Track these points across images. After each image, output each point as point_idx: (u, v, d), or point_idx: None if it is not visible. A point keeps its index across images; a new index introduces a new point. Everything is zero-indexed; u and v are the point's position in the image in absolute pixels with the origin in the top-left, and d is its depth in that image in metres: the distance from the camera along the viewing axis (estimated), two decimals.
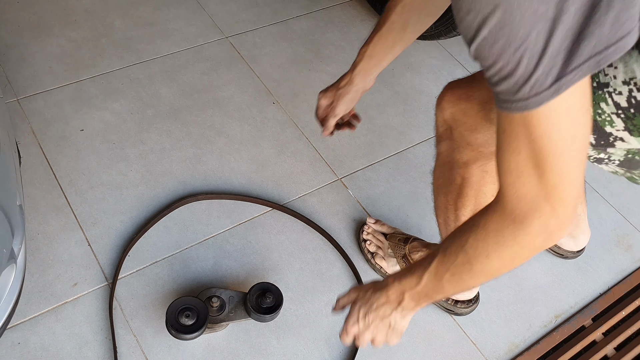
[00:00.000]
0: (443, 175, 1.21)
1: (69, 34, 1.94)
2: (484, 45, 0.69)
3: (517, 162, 0.77)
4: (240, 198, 1.59)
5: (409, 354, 1.39)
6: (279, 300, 1.31)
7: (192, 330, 1.23)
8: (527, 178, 0.77)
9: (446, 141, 1.15)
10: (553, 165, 0.75)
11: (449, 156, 1.16)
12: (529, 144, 0.75)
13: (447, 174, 1.19)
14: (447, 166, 1.18)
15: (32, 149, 1.61)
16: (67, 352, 1.28)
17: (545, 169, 0.75)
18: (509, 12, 0.65)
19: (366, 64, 1.24)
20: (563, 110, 0.71)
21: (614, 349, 1.47)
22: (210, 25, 2.07)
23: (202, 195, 1.57)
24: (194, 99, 1.82)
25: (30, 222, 1.46)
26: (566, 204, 0.78)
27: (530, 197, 0.78)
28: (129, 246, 1.45)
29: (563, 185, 0.77)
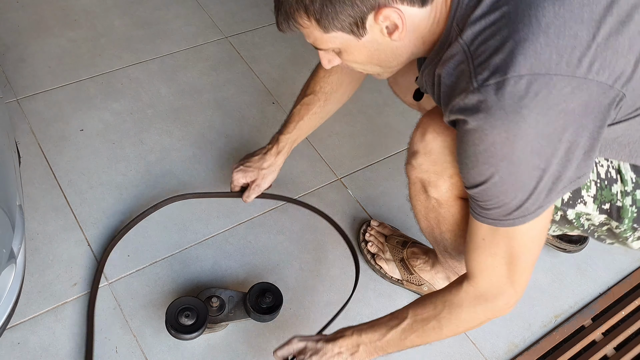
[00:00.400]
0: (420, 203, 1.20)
1: (69, 33, 1.94)
2: (487, 191, 0.90)
3: (493, 261, 0.98)
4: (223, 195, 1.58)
5: (408, 353, 1.39)
6: (278, 301, 1.31)
7: (192, 330, 1.23)
8: (499, 271, 0.99)
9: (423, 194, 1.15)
10: (522, 262, 0.98)
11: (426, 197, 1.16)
12: (507, 250, 0.96)
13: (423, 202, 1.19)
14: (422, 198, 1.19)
15: (32, 149, 1.61)
16: (66, 352, 1.28)
17: (515, 265, 0.97)
18: (514, 167, 0.85)
19: (289, 148, 1.45)
20: (538, 224, 0.94)
21: (613, 349, 1.47)
22: (210, 25, 2.07)
23: (189, 195, 1.55)
24: (194, 99, 1.82)
25: (29, 222, 1.46)
26: (524, 286, 1.01)
27: (500, 284, 1.00)
28: (120, 233, 1.46)
29: (525, 274, 1.00)
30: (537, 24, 0.81)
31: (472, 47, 0.85)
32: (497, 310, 1.04)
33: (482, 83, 0.82)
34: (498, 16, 0.84)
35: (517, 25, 0.81)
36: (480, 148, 0.86)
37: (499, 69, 0.81)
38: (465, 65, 0.85)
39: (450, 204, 1.09)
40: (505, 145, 0.83)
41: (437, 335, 1.08)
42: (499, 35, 0.82)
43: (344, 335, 1.12)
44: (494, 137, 0.83)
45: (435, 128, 1.02)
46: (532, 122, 0.81)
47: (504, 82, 0.80)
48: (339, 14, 0.87)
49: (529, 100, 0.80)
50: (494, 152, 0.85)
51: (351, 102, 1.83)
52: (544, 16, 0.81)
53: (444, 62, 0.90)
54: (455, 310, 1.04)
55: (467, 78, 0.84)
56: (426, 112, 1.07)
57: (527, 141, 0.83)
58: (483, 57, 0.83)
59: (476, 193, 0.92)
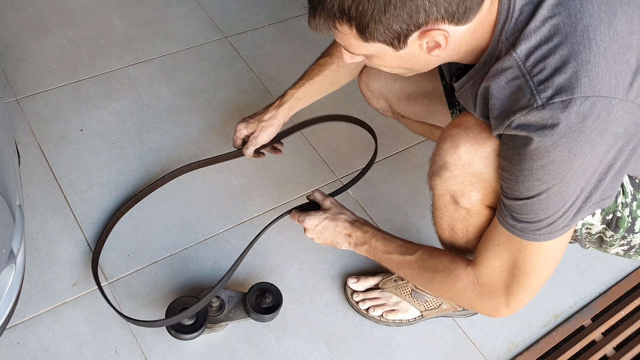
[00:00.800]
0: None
1: (68, 33, 1.94)
2: (529, 206, 0.93)
3: (500, 265, 1.02)
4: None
5: (408, 353, 1.39)
6: (278, 300, 1.31)
7: (192, 330, 1.23)
8: (501, 277, 1.03)
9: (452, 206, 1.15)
10: (526, 280, 1.01)
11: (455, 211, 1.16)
12: (517, 262, 1.00)
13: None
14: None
15: (32, 149, 1.61)
16: (66, 352, 1.28)
17: (519, 279, 1.01)
18: (565, 186, 0.89)
19: (293, 104, 1.41)
20: (558, 244, 0.98)
21: (613, 349, 1.47)
22: (210, 25, 2.07)
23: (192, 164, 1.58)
24: (194, 99, 1.82)
25: (29, 221, 1.46)
26: (519, 306, 1.05)
27: (496, 288, 1.04)
28: (119, 213, 1.48)
29: (524, 295, 1.03)
30: (596, 47, 0.83)
31: (528, 63, 0.86)
32: (482, 308, 1.10)
33: (547, 101, 0.84)
34: (551, 31, 0.85)
35: (577, 47, 0.84)
36: (539, 164, 0.87)
37: (564, 89, 0.83)
38: (522, 81, 0.86)
39: (482, 214, 1.09)
40: (563, 163, 0.86)
41: (425, 286, 1.20)
42: (558, 54, 0.84)
43: (362, 228, 1.24)
44: (555, 154, 0.85)
45: (470, 139, 1.01)
46: (591, 143, 0.85)
47: (570, 101, 0.82)
48: (384, 28, 0.86)
49: (592, 121, 0.83)
50: (551, 170, 0.87)
51: (351, 102, 1.83)
52: (602, 40, 0.84)
53: (494, 76, 0.90)
54: (451, 280, 1.11)
55: (527, 95, 0.85)
56: (452, 124, 1.05)
57: (583, 161, 0.86)
58: (543, 75, 0.85)
59: (516, 205, 0.94)
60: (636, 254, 1.13)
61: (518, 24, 0.88)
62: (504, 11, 0.89)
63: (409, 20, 0.83)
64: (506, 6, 0.88)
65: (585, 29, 0.84)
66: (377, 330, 1.41)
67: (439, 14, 0.83)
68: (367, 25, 0.85)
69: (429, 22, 0.84)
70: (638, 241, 1.09)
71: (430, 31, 0.86)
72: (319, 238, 1.27)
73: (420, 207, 1.66)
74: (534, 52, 0.86)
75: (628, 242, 1.09)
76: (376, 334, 1.41)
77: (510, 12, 0.88)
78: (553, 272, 1.02)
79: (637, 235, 1.08)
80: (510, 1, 0.88)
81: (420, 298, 1.39)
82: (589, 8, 0.86)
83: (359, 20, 0.85)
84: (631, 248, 1.11)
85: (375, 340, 1.40)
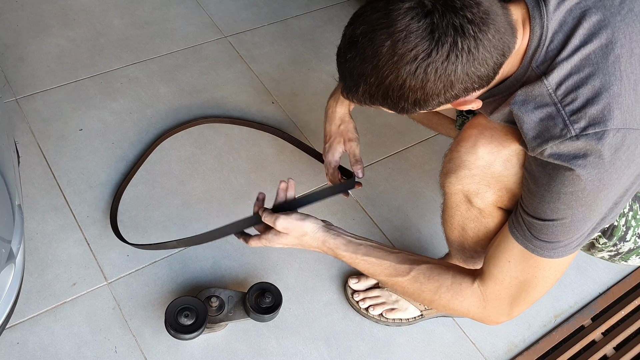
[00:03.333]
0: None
1: (68, 33, 1.93)
2: (551, 228, 0.93)
3: (510, 282, 1.02)
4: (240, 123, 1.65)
5: (408, 353, 1.39)
6: (278, 300, 1.31)
7: (191, 330, 1.23)
8: (509, 292, 1.04)
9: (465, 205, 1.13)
10: (532, 293, 1.03)
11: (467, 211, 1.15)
12: (528, 278, 1.00)
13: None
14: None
15: (31, 149, 1.61)
16: (66, 352, 1.28)
17: (526, 293, 1.03)
18: (589, 213, 0.91)
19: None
20: (567, 260, 0.99)
21: (613, 349, 1.47)
22: (209, 24, 2.07)
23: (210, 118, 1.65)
24: (193, 99, 1.82)
25: (29, 221, 1.46)
26: (518, 314, 1.06)
27: (502, 301, 1.05)
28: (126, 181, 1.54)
29: (526, 305, 1.05)
30: (627, 80, 0.85)
31: (559, 92, 0.87)
32: (482, 317, 1.09)
33: (581, 132, 0.85)
34: (583, 61, 0.86)
35: (609, 78, 0.85)
36: (569, 189, 0.88)
37: (597, 121, 0.84)
38: (553, 110, 0.87)
39: (494, 215, 1.09)
40: (592, 192, 0.88)
41: (424, 303, 1.16)
42: (590, 85, 0.85)
43: (334, 250, 1.14)
44: (586, 183, 0.87)
45: (493, 141, 1.01)
46: (620, 174, 0.88)
47: (604, 133, 0.84)
48: (416, 112, 0.91)
49: (622, 153, 0.86)
50: (580, 197, 0.89)
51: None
52: (632, 73, 0.86)
53: (523, 102, 0.90)
54: (456, 301, 1.08)
55: (559, 124, 0.86)
56: (470, 125, 1.05)
57: (610, 190, 0.88)
58: (575, 105, 0.86)
59: (537, 224, 0.95)
60: (620, 259, 1.14)
61: (549, 52, 0.89)
62: (535, 38, 0.89)
63: (444, 100, 0.87)
64: (538, 34, 0.89)
65: (617, 60, 0.85)
66: (377, 330, 1.41)
67: (473, 86, 0.87)
68: (401, 111, 0.90)
69: (459, 97, 0.88)
70: (626, 249, 1.11)
71: (462, 105, 0.92)
72: (284, 246, 1.18)
73: (420, 207, 1.66)
74: (565, 81, 0.87)
75: (617, 250, 1.11)
76: (376, 334, 1.41)
77: (543, 40, 0.89)
78: (552, 285, 1.04)
79: (627, 244, 1.09)
80: (542, 28, 0.88)
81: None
82: (621, 38, 0.86)
83: (391, 107, 0.90)
84: (618, 254, 1.13)
85: (375, 340, 1.40)
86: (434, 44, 0.80)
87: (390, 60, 0.82)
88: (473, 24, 0.80)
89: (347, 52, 0.87)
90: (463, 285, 1.07)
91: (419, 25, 0.80)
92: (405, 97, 0.85)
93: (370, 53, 0.83)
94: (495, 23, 0.82)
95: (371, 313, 1.40)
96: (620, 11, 0.88)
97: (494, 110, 0.98)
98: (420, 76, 0.82)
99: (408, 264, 1.11)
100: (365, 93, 0.88)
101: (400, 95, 0.85)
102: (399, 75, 0.83)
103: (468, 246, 1.18)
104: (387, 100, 0.87)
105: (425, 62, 0.81)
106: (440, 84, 0.83)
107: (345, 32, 0.88)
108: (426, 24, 0.80)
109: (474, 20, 0.80)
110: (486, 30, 0.81)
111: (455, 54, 0.80)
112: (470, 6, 0.80)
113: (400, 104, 0.87)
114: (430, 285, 1.10)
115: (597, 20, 0.87)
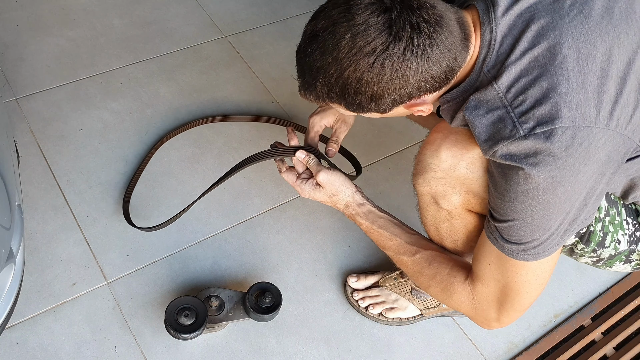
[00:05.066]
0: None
1: (68, 33, 1.93)
2: (514, 228, 0.95)
3: (494, 285, 1.04)
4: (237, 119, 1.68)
5: (408, 353, 1.39)
6: (278, 300, 1.31)
7: (191, 330, 1.23)
8: (494, 294, 1.05)
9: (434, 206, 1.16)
10: (517, 299, 1.03)
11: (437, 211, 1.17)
12: (508, 282, 1.01)
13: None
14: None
15: (31, 149, 1.61)
16: (65, 351, 1.28)
17: (510, 297, 1.03)
18: (549, 211, 0.91)
19: None
20: (546, 264, 1.00)
21: (613, 349, 1.47)
22: (209, 24, 2.07)
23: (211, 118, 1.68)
24: (193, 99, 1.82)
25: (28, 221, 1.46)
26: (510, 321, 1.07)
27: (488, 304, 1.06)
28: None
29: (515, 312, 1.05)
30: (575, 79, 0.86)
31: (509, 95, 0.89)
32: (475, 319, 1.12)
33: (529, 132, 0.86)
34: (531, 63, 0.88)
35: (556, 78, 0.86)
36: (524, 188, 0.89)
37: (545, 120, 0.86)
38: (503, 112, 0.89)
39: (463, 216, 1.11)
40: (547, 189, 0.88)
41: (421, 285, 1.18)
42: (538, 86, 0.87)
43: (357, 215, 1.19)
44: (539, 181, 0.87)
45: (456, 144, 1.02)
46: (575, 171, 0.87)
47: (552, 131, 0.85)
48: (373, 110, 0.94)
49: (574, 149, 0.85)
50: (535, 195, 0.89)
51: None
52: (580, 72, 0.87)
53: (475, 107, 0.92)
54: (448, 292, 1.12)
55: (509, 126, 0.88)
56: (436, 128, 1.07)
57: (566, 188, 0.88)
58: (524, 106, 0.87)
59: (504, 227, 0.96)
60: (604, 265, 1.15)
61: (499, 56, 0.91)
62: (485, 44, 0.91)
63: (392, 102, 0.91)
64: (488, 39, 0.91)
65: (564, 61, 0.86)
66: (376, 330, 1.41)
67: (426, 86, 0.90)
68: (356, 108, 0.93)
69: (413, 97, 0.91)
70: (607, 255, 1.11)
71: (414, 106, 0.95)
72: (312, 199, 1.22)
73: None
74: (514, 84, 0.89)
75: (597, 255, 1.12)
76: (376, 333, 1.41)
77: (492, 44, 0.91)
78: (543, 289, 1.04)
79: (606, 250, 1.10)
80: (491, 33, 0.91)
81: (419, 296, 1.39)
82: (568, 39, 0.88)
83: (349, 106, 0.93)
84: (600, 260, 1.13)
85: (375, 340, 1.40)
86: (392, 38, 0.83)
87: (350, 52, 0.85)
88: (428, 24, 0.84)
89: (307, 47, 0.89)
90: (456, 279, 1.10)
91: (377, 20, 0.83)
92: (362, 91, 0.88)
93: (330, 45, 0.86)
94: (448, 27, 0.86)
95: (371, 312, 1.41)
96: (569, 13, 0.89)
97: (452, 117, 0.99)
98: (377, 69, 0.85)
99: (416, 246, 1.16)
100: (324, 87, 0.90)
101: (357, 89, 0.88)
102: (357, 68, 0.86)
103: (447, 245, 1.20)
104: (345, 94, 0.90)
105: (382, 55, 0.84)
106: (396, 79, 0.86)
107: (306, 28, 0.91)
108: (384, 18, 0.83)
109: (430, 20, 0.84)
110: (440, 32, 0.85)
111: (412, 49, 0.84)
112: (426, 7, 0.84)
113: (357, 99, 0.90)
114: (429, 271, 1.14)
115: (545, 23, 0.89)
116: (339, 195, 1.19)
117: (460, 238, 1.15)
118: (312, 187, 1.19)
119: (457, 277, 1.11)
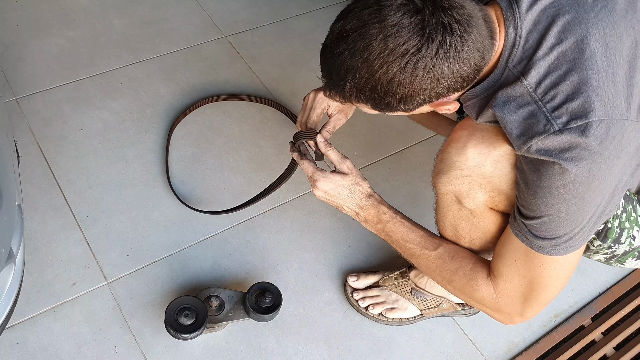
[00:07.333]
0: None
1: (68, 33, 1.93)
2: (548, 223, 0.94)
3: (518, 281, 1.03)
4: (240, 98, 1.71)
5: (408, 353, 1.39)
6: (278, 300, 1.31)
7: (191, 330, 1.23)
8: (519, 291, 1.05)
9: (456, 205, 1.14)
10: (544, 293, 1.03)
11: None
12: (536, 277, 1.01)
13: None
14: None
15: (31, 149, 1.61)
16: (65, 351, 1.28)
17: (538, 293, 1.03)
18: (583, 204, 0.91)
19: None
20: (574, 257, 0.99)
21: (613, 349, 1.47)
22: (209, 24, 2.07)
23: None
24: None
25: (28, 221, 1.46)
26: (533, 315, 1.07)
27: (513, 301, 1.06)
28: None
29: (540, 306, 1.05)
30: (604, 72, 0.86)
31: (539, 90, 0.89)
32: (496, 316, 1.12)
33: (564, 126, 0.86)
34: (559, 59, 0.88)
35: (586, 72, 0.87)
36: (559, 183, 0.89)
37: (579, 114, 0.86)
38: (534, 108, 0.89)
39: (485, 215, 1.10)
40: (583, 183, 0.89)
41: (440, 284, 1.18)
42: (568, 81, 0.87)
43: (377, 207, 1.17)
44: (576, 175, 0.87)
45: (483, 142, 1.01)
46: (609, 164, 0.87)
47: (586, 125, 0.85)
48: (399, 110, 0.94)
49: (609, 143, 0.86)
50: (571, 190, 0.89)
51: None
52: (609, 66, 0.87)
53: (505, 103, 0.92)
54: (470, 288, 1.11)
55: (542, 121, 0.88)
56: (460, 126, 1.06)
57: (600, 181, 0.89)
58: (556, 101, 0.87)
59: (536, 224, 0.96)
60: (617, 262, 1.15)
61: (525, 52, 0.90)
62: (510, 40, 0.91)
63: (421, 101, 0.90)
64: (513, 35, 0.91)
65: (593, 55, 0.87)
66: (377, 330, 1.41)
67: (455, 86, 0.89)
68: (384, 108, 0.93)
69: (441, 97, 0.91)
70: (622, 251, 1.11)
71: (441, 105, 0.95)
72: (326, 199, 1.20)
73: (420, 206, 1.66)
74: (544, 79, 0.88)
75: (612, 252, 1.11)
76: (376, 333, 1.41)
77: (517, 40, 0.91)
78: (568, 282, 1.04)
79: (622, 246, 1.10)
80: (516, 29, 0.90)
81: (420, 296, 1.39)
82: (595, 34, 0.88)
83: (376, 104, 0.92)
84: (614, 257, 1.13)
85: (375, 340, 1.40)
86: (425, 39, 0.83)
87: (382, 54, 0.84)
88: (459, 24, 0.84)
89: (335, 47, 0.89)
90: (479, 275, 1.10)
91: (410, 21, 0.83)
92: (392, 93, 0.88)
93: (361, 47, 0.85)
94: (477, 26, 0.86)
95: (371, 312, 1.40)
96: (593, 8, 0.90)
97: (478, 113, 0.99)
98: (409, 71, 0.85)
99: (437, 239, 1.17)
100: (352, 88, 0.90)
101: (387, 90, 0.88)
102: (389, 70, 0.85)
103: (463, 244, 1.19)
104: (374, 95, 0.89)
105: (415, 56, 0.84)
106: (427, 80, 0.86)
107: (333, 28, 0.91)
108: (417, 20, 0.83)
109: (460, 20, 0.84)
110: (470, 31, 0.85)
111: (444, 50, 0.84)
112: (456, 7, 0.84)
113: (387, 100, 0.89)
114: (452, 265, 1.13)
115: (571, 17, 0.89)
116: (361, 185, 1.18)
117: (479, 237, 1.14)
118: (333, 175, 1.16)
119: (480, 273, 1.10)
